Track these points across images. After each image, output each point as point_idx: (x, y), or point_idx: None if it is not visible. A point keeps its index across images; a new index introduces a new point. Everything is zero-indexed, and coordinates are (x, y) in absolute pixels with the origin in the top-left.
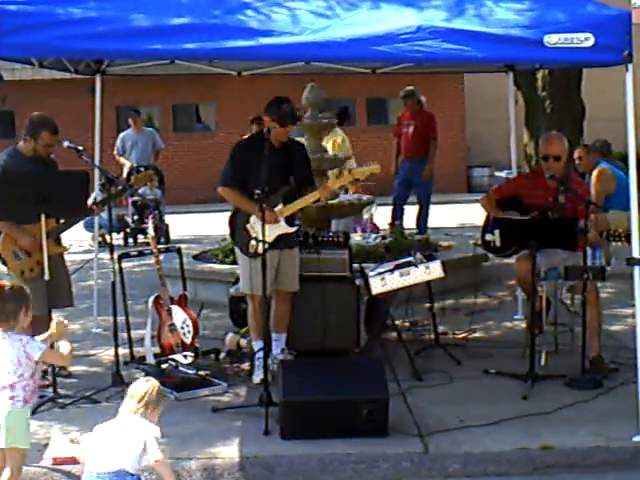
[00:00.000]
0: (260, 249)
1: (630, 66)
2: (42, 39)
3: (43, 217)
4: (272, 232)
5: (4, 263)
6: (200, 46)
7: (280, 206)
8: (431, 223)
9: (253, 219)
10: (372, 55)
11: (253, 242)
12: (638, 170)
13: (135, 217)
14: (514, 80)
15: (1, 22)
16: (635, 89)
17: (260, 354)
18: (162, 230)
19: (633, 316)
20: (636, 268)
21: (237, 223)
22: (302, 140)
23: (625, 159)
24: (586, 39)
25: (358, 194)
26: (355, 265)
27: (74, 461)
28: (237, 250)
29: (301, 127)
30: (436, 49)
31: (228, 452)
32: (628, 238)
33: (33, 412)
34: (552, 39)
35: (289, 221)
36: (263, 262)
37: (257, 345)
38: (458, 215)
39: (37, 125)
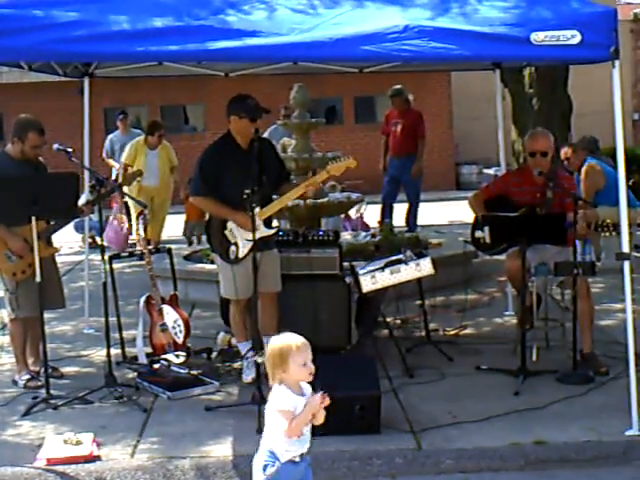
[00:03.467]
0: (241, 254)
1: (617, 62)
2: (28, 43)
3: (34, 219)
4: (251, 237)
5: None
6: (185, 48)
7: (257, 209)
8: (420, 221)
9: (230, 224)
10: (360, 55)
11: (233, 248)
12: (626, 165)
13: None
14: (501, 77)
15: None
16: (622, 85)
17: (249, 354)
18: None
19: (623, 311)
20: (625, 263)
21: (213, 230)
22: (290, 140)
23: (612, 154)
24: (573, 36)
25: (347, 192)
26: (345, 263)
27: (68, 462)
28: (216, 256)
29: (289, 126)
30: (424, 48)
31: (221, 450)
32: (616, 228)
33: (26, 413)
34: (539, 36)
35: (266, 223)
36: (254, 263)
37: (242, 346)
38: (447, 212)
39: (23, 127)
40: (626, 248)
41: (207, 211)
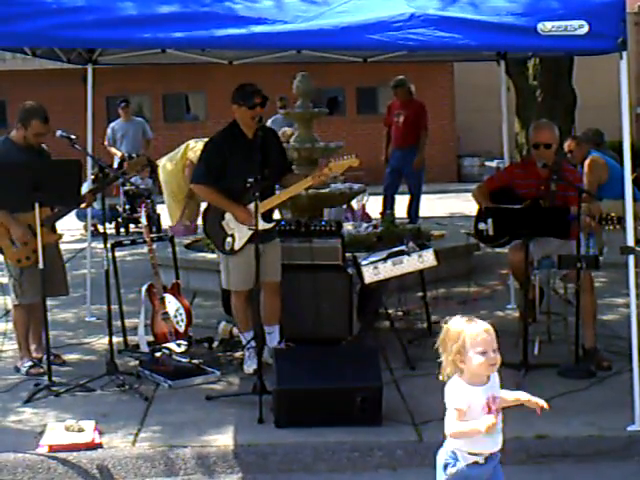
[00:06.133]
0: (237, 246)
1: (624, 54)
2: (33, 28)
3: (37, 205)
4: (248, 231)
5: (0, 251)
6: (191, 35)
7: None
8: (421, 212)
9: (228, 216)
10: (365, 43)
11: (229, 239)
12: (632, 158)
13: (127, 207)
14: (505, 69)
15: None
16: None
17: (250, 344)
18: (154, 220)
19: (626, 305)
20: (630, 257)
21: (211, 219)
22: (291, 130)
23: (617, 147)
24: (580, 27)
25: (349, 183)
26: (347, 254)
27: (70, 448)
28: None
29: (291, 116)
30: (429, 37)
31: (222, 440)
32: (620, 221)
33: (28, 400)
34: (546, 27)
35: (265, 217)
36: (256, 252)
37: (244, 337)
38: (448, 205)
39: (28, 114)
40: (631, 242)
41: (207, 200)
